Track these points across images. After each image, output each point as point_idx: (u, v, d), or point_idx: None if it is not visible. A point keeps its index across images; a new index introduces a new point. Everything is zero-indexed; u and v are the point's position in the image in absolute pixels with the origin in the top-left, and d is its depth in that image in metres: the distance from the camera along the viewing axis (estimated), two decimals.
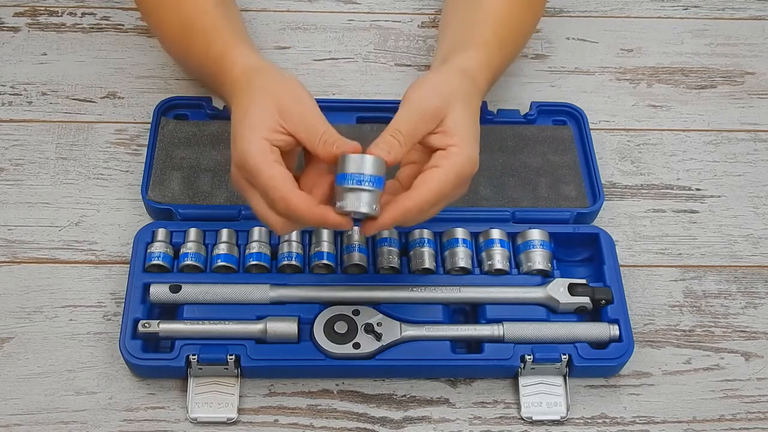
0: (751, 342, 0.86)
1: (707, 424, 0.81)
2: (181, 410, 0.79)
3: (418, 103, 0.74)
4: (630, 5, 1.13)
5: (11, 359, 0.81)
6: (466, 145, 0.73)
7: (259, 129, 0.72)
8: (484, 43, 0.84)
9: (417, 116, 0.73)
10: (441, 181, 0.72)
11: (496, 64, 0.86)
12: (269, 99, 0.74)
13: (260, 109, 0.73)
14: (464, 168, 0.73)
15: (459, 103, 0.75)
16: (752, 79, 1.06)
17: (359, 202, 0.69)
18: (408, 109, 0.74)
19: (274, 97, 0.74)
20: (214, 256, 0.84)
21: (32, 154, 0.95)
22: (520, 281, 0.85)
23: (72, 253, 0.88)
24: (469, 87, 0.78)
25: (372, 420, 0.80)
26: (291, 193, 0.69)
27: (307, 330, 0.80)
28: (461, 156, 0.73)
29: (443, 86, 0.76)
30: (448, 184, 0.72)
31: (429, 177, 0.72)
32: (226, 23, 0.86)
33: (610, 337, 0.81)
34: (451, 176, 0.72)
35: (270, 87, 0.75)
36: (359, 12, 1.10)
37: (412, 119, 0.73)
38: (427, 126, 0.73)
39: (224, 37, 0.84)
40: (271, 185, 0.69)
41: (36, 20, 1.06)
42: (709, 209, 0.95)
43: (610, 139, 1.00)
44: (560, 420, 0.80)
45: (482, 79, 0.82)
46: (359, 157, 0.70)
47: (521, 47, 0.95)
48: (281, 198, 0.69)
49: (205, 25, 0.86)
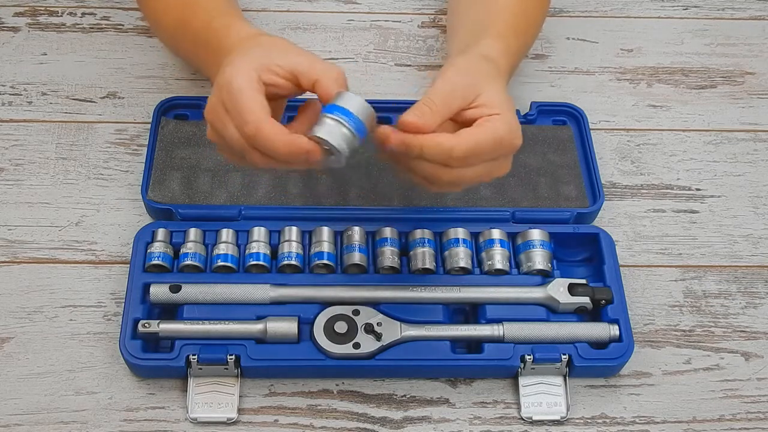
0: (751, 342, 0.86)
1: (707, 424, 0.81)
2: (181, 410, 0.79)
3: (452, 79, 0.75)
4: (630, 5, 1.13)
5: (11, 359, 0.81)
6: (507, 114, 0.74)
7: (251, 62, 0.72)
8: (498, 34, 0.85)
9: (450, 89, 0.73)
10: (477, 136, 0.72)
11: (513, 53, 0.86)
12: (268, 46, 0.75)
13: (256, 51, 0.73)
14: (505, 132, 0.73)
15: (491, 81, 0.76)
16: (752, 79, 1.06)
17: (332, 135, 0.68)
18: (442, 82, 0.74)
19: (274, 44, 0.75)
20: (214, 256, 0.84)
21: (32, 154, 0.95)
22: (520, 281, 0.85)
23: (72, 253, 0.88)
24: (494, 70, 0.79)
25: (372, 420, 0.80)
26: (265, 118, 0.69)
27: (307, 330, 0.80)
28: (501, 121, 0.73)
29: (472, 67, 0.77)
30: (486, 142, 0.72)
31: (467, 131, 0.72)
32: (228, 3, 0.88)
33: (610, 337, 0.81)
34: (489, 134, 0.72)
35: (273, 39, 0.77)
36: (359, 12, 1.10)
37: (445, 90, 0.73)
38: (459, 101, 0.73)
39: (229, 13, 0.85)
40: (248, 107, 0.69)
41: (36, 20, 1.06)
42: (709, 209, 0.95)
43: (610, 139, 1.00)
44: (560, 420, 0.80)
45: (504, 66, 0.82)
46: (356, 97, 0.70)
47: (533, 39, 0.95)
48: (254, 120, 0.69)
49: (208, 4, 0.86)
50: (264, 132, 0.69)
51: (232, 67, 0.72)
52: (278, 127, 0.69)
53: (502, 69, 0.81)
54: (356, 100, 0.70)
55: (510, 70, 0.85)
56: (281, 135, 0.69)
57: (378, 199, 0.89)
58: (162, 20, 0.92)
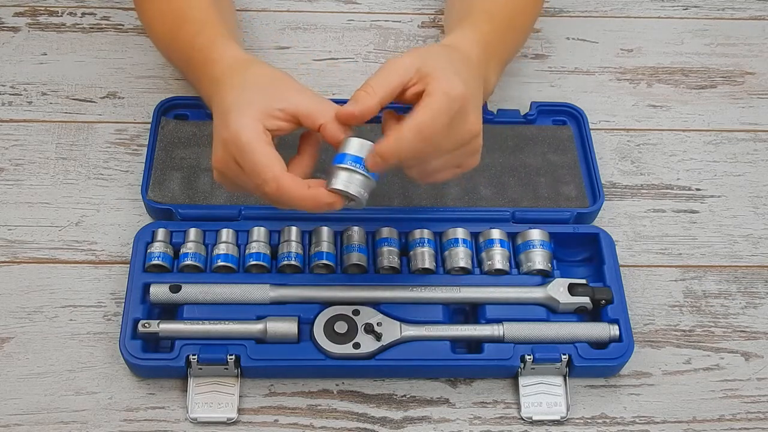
0: (751, 342, 0.86)
1: (707, 424, 0.81)
2: (181, 410, 0.79)
3: (390, 62, 0.73)
4: (630, 5, 1.13)
5: (11, 359, 0.81)
6: (443, 77, 0.71)
7: (252, 112, 0.71)
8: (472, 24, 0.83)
9: (387, 70, 0.72)
10: (415, 116, 0.70)
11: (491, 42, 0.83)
12: (265, 85, 0.74)
13: (255, 95, 0.73)
14: (441, 103, 0.70)
15: (435, 56, 0.74)
16: (752, 79, 1.06)
17: (350, 184, 0.70)
18: (379, 70, 0.73)
19: (271, 82, 0.74)
20: (214, 256, 0.84)
21: (32, 154, 0.95)
22: (520, 281, 0.85)
23: (72, 253, 0.88)
24: (450, 52, 0.76)
25: (372, 420, 0.80)
26: (283, 175, 0.69)
27: (307, 330, 0.80)
28: (435, 88, 0.70)
29: (416, 49, 0.76)
30: (425, 117, 0.70)
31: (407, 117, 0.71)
32: (218, 17, 0.86)
33: (610, 337, 0.81)
34: (427, 114, 0.70)
35: (265, 74, 0.75)
36: (359, 12, 1.10)
37: (382, 73, 0.72)
38: (398, 77, 0.71)
39: (214, 28, 0.84)
40: (263, 165, 0.69)
41: (36, 20, 1.06)
42: (709, 209, 0.95)
43: (610, 139, 1.00)
44: (560, 420, 0.80)
45: (476, 54, 0.79)
46: (362, 142, 0.71)
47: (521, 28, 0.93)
48: (273, 179, 0.69)
49: (196, 16, 0.86)
50: (285, 189, 0.69)
51: (234, 119, 0.71)
52: (298, 182, 0.70)
53: (472, 56, 0.79)
54: (361, 144, 0.71)
55: (488, 59, 0.82)
56: (303, 190, 0.69)
57: (378, 199, 0.89)
58: (155, 28, 0.92)
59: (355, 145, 0.71)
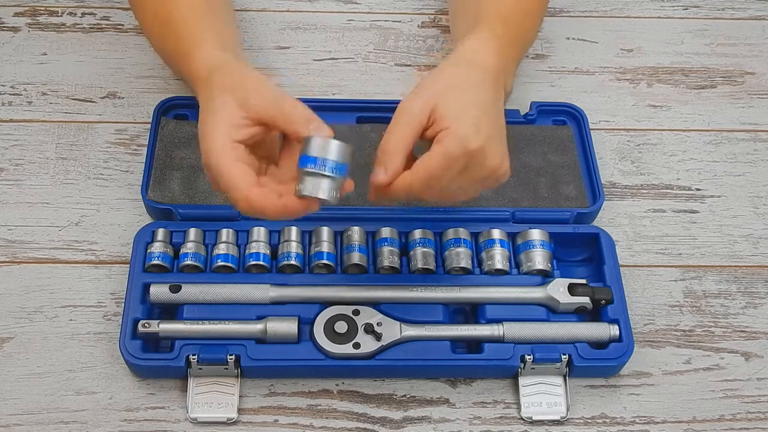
0: (751, 342, 0.86)
1: (707, 424, 0.81)
2: (181, 410, 0.79)
3: (401, 110, 0.75)
4: (630, 5, 1.13)
5: (11, 359, 0.81)
6: (456, 126, 0.72)
7: (220, 126, 0.72)
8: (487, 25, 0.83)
9: (401, 121, 0.74)
10: (427, 163, 0.72)
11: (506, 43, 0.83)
12: (228, 95, 0.74)
13: (220, 107, 0.73)
14: (454, 148, 0.72)
15: (448, 92, 0.75)
16: (752, 79, 1.06)
17: (317, 189, 0.69)
18: (394, 119, 0.74)
19: (233, 91, 0.74)
20: (214, 256, 0.84)
21: (32, 154, 0.95)
22: (520, 281, 0.85)
23: (72, 253, 0.88)
24: (464, 80, 0.77)
25: (372, 420, 0.80)
26: (250, 192, 0.69)
27: (307, 330, 0.80)
28: (448, 137, 0.72)
29: (426, 85, 0.76)
30: (438, 167, 0.72)
31: (420, 161, 0.72)
32: (201, 18, 0.86)
33: (610, 337, 0.81)
34: (439, 158, 0.72)
35: (228, 83, 0.75)
36: (359, 12, 1.10)
37: (396, 128, 0.74)
38: (413, 127, 0.73)
39: (194, 33, 0.84)
40: (231, 184, 0.70)
41: (36, 20, 1.06)
42: (709, 209, 0.95)
43: (610, 139, 1.00)
44: (560, 420, 0.80)
45: (492, 59, 0.80)
46: (323, 140, 0.69)
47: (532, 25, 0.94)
48: (243, 198, 0.70)
49: (178, 18, 0.85)
50: (255, 206, 0.69)
51: (203, 137, 0.72)
52: (267, 195, 0.70)
53: (489, 66, 0.79)
54: (324, 143, 0.69)
55: (505, 64, 0.83)
56: (273, 202, 0.70)
57: None
58: (146, 29, 0.92)
59: (317, 145, 0.69)
